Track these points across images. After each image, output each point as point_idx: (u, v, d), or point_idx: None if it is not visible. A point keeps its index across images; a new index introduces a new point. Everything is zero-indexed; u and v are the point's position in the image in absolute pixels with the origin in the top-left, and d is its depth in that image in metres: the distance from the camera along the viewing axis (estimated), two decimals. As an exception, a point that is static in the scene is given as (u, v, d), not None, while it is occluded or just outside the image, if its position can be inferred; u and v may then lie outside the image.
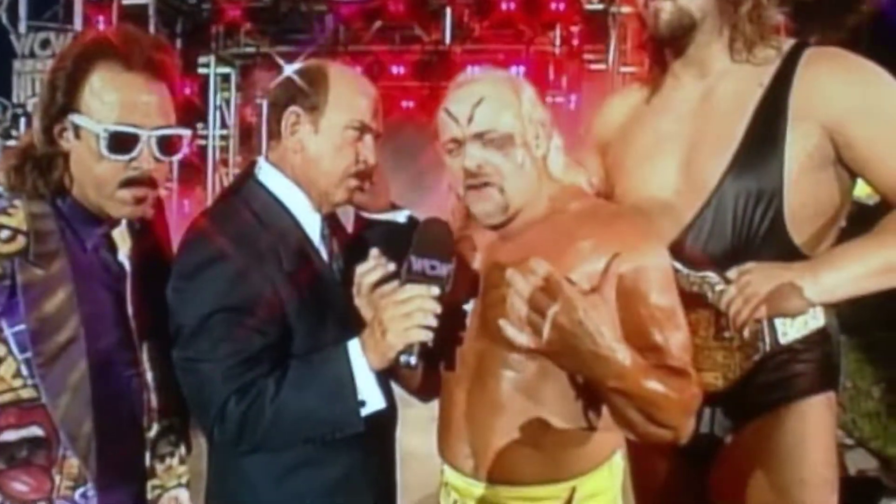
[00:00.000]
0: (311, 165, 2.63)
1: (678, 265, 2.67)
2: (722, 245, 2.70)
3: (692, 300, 2.67)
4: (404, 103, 13.38)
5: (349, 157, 2.62)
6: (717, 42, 2.79)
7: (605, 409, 2.32)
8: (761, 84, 2.72)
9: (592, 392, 2.30)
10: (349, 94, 2.63)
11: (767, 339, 2.70)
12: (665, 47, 2.87)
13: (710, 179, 2.71)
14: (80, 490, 2.37)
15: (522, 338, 2.16)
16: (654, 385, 2.16)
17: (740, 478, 2.76)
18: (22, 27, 14.92)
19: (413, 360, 2.31)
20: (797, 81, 2.67)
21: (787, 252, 2.65)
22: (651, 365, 2.21)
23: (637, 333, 2.28)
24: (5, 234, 2.29)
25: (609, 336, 2.13)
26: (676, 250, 2.70)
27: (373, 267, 2.42)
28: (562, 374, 2.33)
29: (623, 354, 2.14)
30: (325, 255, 2.68)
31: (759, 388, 2.74)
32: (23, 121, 14.13)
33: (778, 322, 2.68)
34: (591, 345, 2.11)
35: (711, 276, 2.68)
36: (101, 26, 13.00)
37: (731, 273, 2.58)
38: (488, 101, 2.42)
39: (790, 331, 2.70)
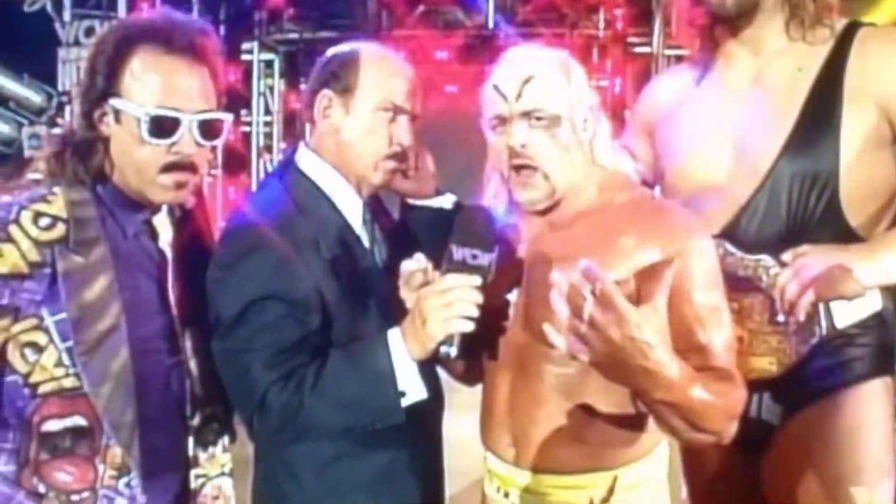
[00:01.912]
0: (345, 149, 2.61)
1: (732, 248, 2.66)
2: (776, 228, 2.65)
3: (746, 284, 2.65)
4: (448, 88, 13.35)
5: (382, 139, 2.60)
6: (775, 21, 2.74)
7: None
8: (815, 64, 2.68)
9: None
10: (381, 76, 2.61)
11: (823, 323, 2.65)
12: (721, 25, 2.81)
13: (764, 161, 2.67)
14: (124, 479, 2.35)
15: (567, 346, 2.08)
16: (700, 394, 2.09)
17: (794, 465, 2.72)
18: (67, 15, 15.03)
19: (454, 351, 2.28)
20: (852, 61, 2.63)
21: (843, 234, 2.61)
22: (696, 369, 2.15)
23: (681, 333, 2.23)
24: (45, 221, 2.27)
25: (660, 350, 2.04)
26: (730, 233, 2.68)
27: (419, 268, 2.37)
28: None
29: (672, 368, 2.06)
30: (366, 241, 2.66)
31: (815, 374, 2.69)
32: (68, 109, 14.21)
33: (834, 306, 2.63)
34: (642, 359, 2.03)
35: (766, 259, 2.64)
36: (146, 13, 13.08)
37: (786, 256, 2.54)
38: (538, 80, 2.36)
39: (846, 315, 2.64)
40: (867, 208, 2.64)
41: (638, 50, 14.01)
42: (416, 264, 2.36)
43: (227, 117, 2.46)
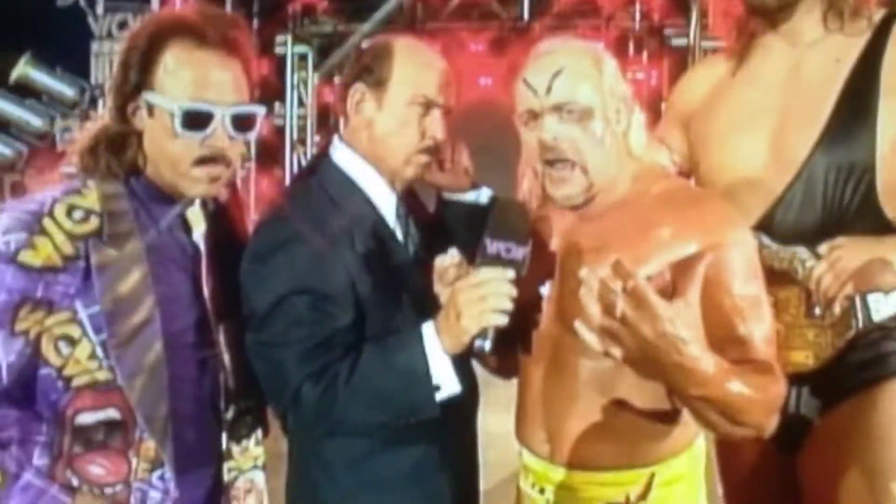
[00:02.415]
0: (378, 142, 2.61)
1: (767, 240, 2.64)
2: (812, 220, 2.64)
3: (782, 277, 2.64)
4: (483, 81, 13.32)
5: (415, 133, 2.59)
6: (813, 12, 2.72)
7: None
8: (852, 56, 2.66)
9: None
10: (414, 69, 2.60)
11: (860, 316, 2.63)
12: (759, 17, 2.79)
13: (800, 153, 2.65)
14: (157, 473, 2.35)
15: (599, 345, 2.06)
16: (737, 388, 2.07)
17: (831, 460, 2.70)
18: (99, 8, 15.05)
19: (488, 345, 2.26)
20: (889, 52, 2.62)
21: (880, 226, 2.59)
22: (734, 363, 2.12)
23: (720, 325, 2.21)
24: (79, 214, 2.28)
25: (694, 346, 2.03)
26: (765, 225, 2.67)
27: (453, 264, 2.36)
28: None
29: (707, 363, 2.04)
30: (400, 235, 2.65)
31: (852, 367, 2.67)
32: (101, 102, 14.26)
33: (871, 298, 2.61)
34: (676, 355, 2.01)
35: (802, 251, 2.62)
36: (178, 6, 13.14)
37: (822, 248, 2.52)
38: (568, 72, 2.34)
39: (883, 307, 2.62)
40: None
41: (674, 42, 13.92)
42: (450, 259, 2.35)
43: (260, 110, 2.45)
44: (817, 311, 2.61)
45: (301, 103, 15.87)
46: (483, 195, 2.91)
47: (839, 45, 2.69)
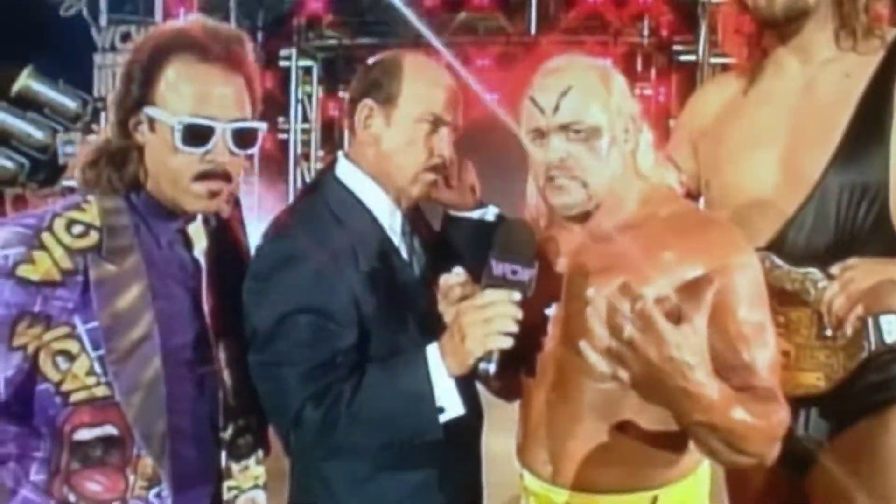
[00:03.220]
0: (385, 160, 2.58)
1: (779, 261, 2.62)
2: (825, 240, 2.62)
3: (793, 298, 2.62)
4: (489, 96, 13.32)
5: (423, 151, 2.57)
6: (825, 29, 2.71)
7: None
8: (865, 74, 2.64)
9: None
10: (423, 86, 2.58)
11: (872, 338, 2.60)
12: (769, 33, 2.78)
13: (813, 173, 2.63)
14: (155, 490, 2.33)
15: (605, 366, 2.03)
16: (740, 415, 2.03)
17: (841, 483, 2.67)
18: (103, 21, 15.16)
19: (492, 367, 2.23)
20: None
21: (893, 248, 2.57)
22: (737, 390, 2.08)
23: (724, 351, 2.18)
24: (78, 229, 2.26)
25: (699, 371, 1.99)
26: (777, 246, 2.65)
27: (458, 282, 2.33)
28: None
29: (712, 389, 2.00)
30: (405, 253, 2.63)
31: (863, 390, 2.65)
32: (103, 115, 14.31)
33: (883, 320, 2.58)
34: (681, 380, 1.97)
35: (814, 272, 2.60)
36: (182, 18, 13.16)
37: (834, 269, 2.50)
38: (576, 91, 2.32)
39: None
40: None
41: (683, 58, 13.96)
42: (455, 278, 2.33)
43: (262, 126, 2.45)
44: (829, 332, 2.59)
45: (305, 118, 15.93)
46: (489, 213, 2.89)
47: (852, 64, 2.67)
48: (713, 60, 12.69)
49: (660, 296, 2.15)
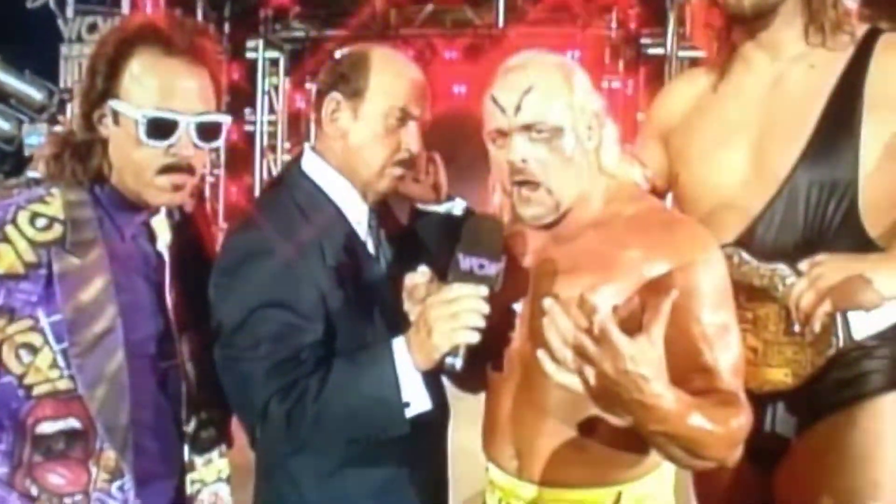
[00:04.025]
0: (352, 154, 2.58)
1: (747, 257, 2.63)
2: (793, 237, 2.62)
3: (762, 294, 2.63)
4: (456, 88, 13.32)
5: (390, 145, 2.56)
6: (794, 25, 2.70)
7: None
8: (835, 71, 2.64)
9: None
10: (391, 80, 2.57)
11: (840, 335, 2.60)
12: (739, 28, 2.78)
13: (782, 169, 2.63)
14: (117, 483, 2.34)
15: (562, 377, 2.04)
16: (698, 422, 2.02)
17: (808, 479, 2.68)
18: (69, 11, 15.06)
19: (459, 362, 2.22)
20: (873, 68, 2.60)
21: (862, 244, 2.56)
22: (698, 392, 2.09)
23: (686, 353, 2.17)
24: (42, 222, 2.27)
25: (656, 383, 1.97)
26: (746, 242, 2.65)
27: (423, 281, 2.33)
28: None
29: (668, 400, 1.99)
30: (371, 247, 2.63)
31: (831, 386, 2.65)
32: (69, 106, 14.24)
33: (851, 316, 2.58)
34: (637, 393, 1.96)
35: (782, 268, 2.60)
36: (149, 10, 13.10)
37: (803, 265, 2.50)
38: (538, 90, 2.29)
39: (864, 326, 2.60)
40: (886, 218, 2.59)
41: (651, 51, 13.96)
42: (419, 277, 2.32)
43: (226, 119, 2.46)
44: (797, 328, 2.58)
45: (272, 109, 15.87)
46: (457, 206, 2.90)
47: (821, 60, 2.67)
48: (682, 54, 12.67)
49: (623, 296, 2.17)
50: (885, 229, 2.59)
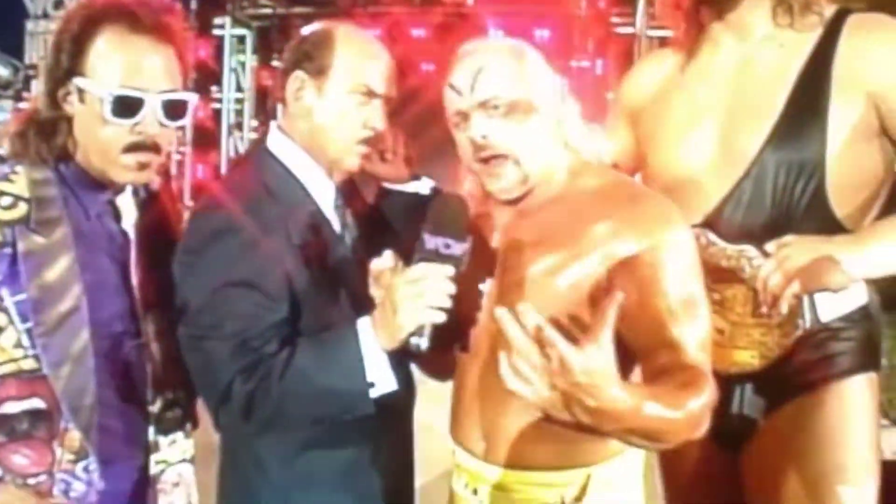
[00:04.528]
0: (317, 132, 2.57)
1: (714, 238, 2.64)
2: (761, 218, 2.63)
3: (729, 275, 2.64)
4: (425, 66, 13.28)
5: (355, 123, 2.56)
6: (762, 6, 2.70)
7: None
8: (803, 52, 2.65)
9: None
10: (355, 58, 2.56)
11: (807, 316, 2.63)
12: (707, 9, 2.79)
13: (750, 150, 2.65)
14: (82, 464, 2.33)
15: (514, 384, 2.00)
16: (655, 412, 1.99)
17: (775, 461, 2.70)
18: (35, -12, 14.95)
19: (424, 342, 2.22)
20: (841, 49, 2.61)
21: (829, 225, 2.58)
22: (663, 368, 2.10)
23: (652, 329, 2.18)
24: (6, 200, 2.27)
25: (607, 390, 1.94)
26: (713, 222, 2.67)
27: (389, 267, 2.31)
28: None
29: (622, 400, 1.96)
30: (337, 227, 2.62)
31: (798, 368, 2.67)
32: (34, 83, 14.14)
33: (818, 298, 2.60)
34: (591, 401, 1.94)
35: (749, 249, 2.61)
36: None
37: (770, 246, 2.51)
38: (489, 69, 2.34)
39: (831, 307, 2.63)
40: (854, 199, 2.62)
41: (621, 30, 13.96)
42: (385, 262, 2.31)
43: (192, 98, 2.45)
44: (764, 310, 2.59)
45: (239, 87, 15.81)
46: (424, 186, 2.89)
47: (790, 41, 2.68)
48: (651, 33, 12.69)
49: (589, 270, 2.17)
50: (852, 210, 2.61)
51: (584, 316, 2.22)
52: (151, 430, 2.48)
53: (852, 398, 2.65)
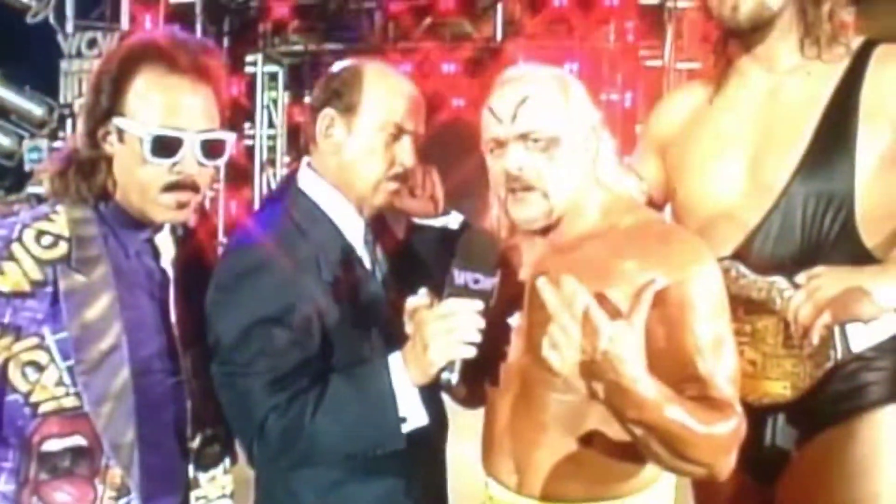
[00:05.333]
0: (346, 169, 2.59)
1: (745, 270, 2.63)
2: (790, 249, 2.62)
3: (760, 307, 2.63)
4: (455, 102, 13.30)
5: (384, 160, 2.58)
6: (789, 38, 2.72)
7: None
8: (830, 83, 2.65)
9: None
10: (384, 95, 2.59)
11: (839, 347, 2.61)
12: (735, 41, 2.80)
13: (778, 181, 2.64)
14: (124, 500, 2.34)
15: (549, 353, 2.07)
16: (677, 416, 2.03)
17: (809, 492, 2.68)
18: (69, 27, 15.01)
19: (455, 377, 2.24)
20: (868, 79, 2.61)
21: (859, 256, 2.57)
22: (686, 397, 2.10)
23: (679, 363, 2.19)
24: (47, 240, 2.29)
25: (632, 366, 2.01)
26: (743, 255, 2.66)
27: (423, 304, 2.31)
28: None
29: (645, 386, 2.01)
30: (368, 262, 2.64)
31: (830, 398, 2.65)
32: (69, 121, 14.22)
33: (849, 328, 2.58)
34: (612, 374, 2.00)
35: (780, 281, 2.60)
36: (148, 25, 13.10)
37: (800, 278, 2.50)
38: (533, 100, 2.31)
39: (862, 338, 2.60)
40: (883, 229, 2.60)
41: (649, 63, 13.93)
42: (420, 300, 2.32)
43: (230, 137, 2.47)
44: (795, 341, 2.59)
45: (271, 123, 15.84)
46: (453, 220, 2.90)
47: (817, 72, 2.68)
48: (679, 66, 12.66)
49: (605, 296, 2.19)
50: (881, 240, 2.59)
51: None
52: (191, 466, 2.49)
53: (885, 428, 2.63)
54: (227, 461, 2.61)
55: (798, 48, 2.72)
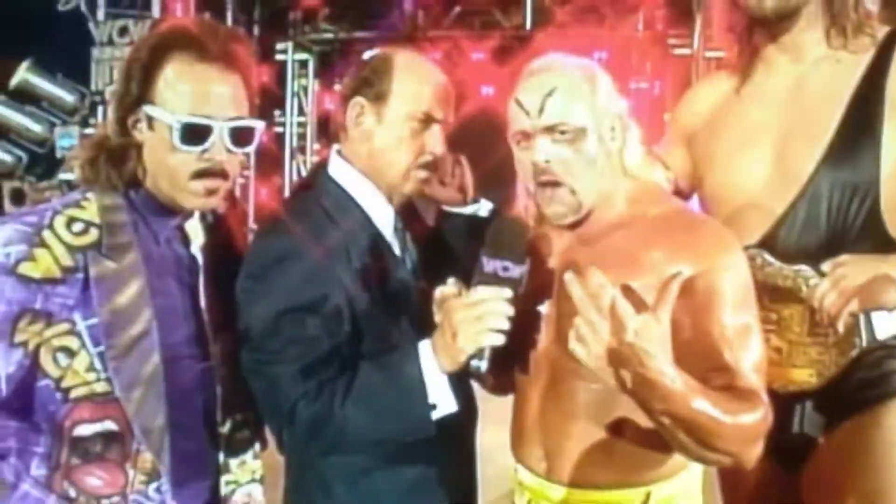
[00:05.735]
0: (377, 157, 2.60)
1: (770, 258, 2.63)
2: (816, 238, 2.62)
3: (786, 295, 2.62)
4: (484, 90, 13.29)
5: (414, 148, 2.58)
6: (815, 28, 2.71)
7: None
8: (856, 73, 2.64)
9: None
10: (414, 83, 2.59)
11: (864, 335, 2.60)
12: (761, 31, 2.79)
13: (804, 170, 2.64)
14: (154, 485, 2.36)
15: (574, 345, 2.09)
16: (703, 407, 2.04)
17: (835, 479, 2.68)
18: (100, 15, 15.02)
19: (484, 365, 2.24)
20: (894, 69, 2.61)
21: (884, 244, 2.57)
22: (718, 388, 2.11)
23: (705, 353, 2.19)
24: (78, 226, 2.29)
25: (658, 359, 2.01)
26: (769, 243, 2.65)
27: (453, 293, 2.32)
28: None
29: (671, 377, 2.02)
30: (397, 250, 2.64)
31: (856, 386, 2.64)
32: (101, 109, 14.24)
33: (875, 316, 2.58)
34: (639, 366, 2.01)
35: (805, 269, 2.59)
36: (179, 13, 13.14)
37: (826, 266, 2.51)
38: (560, 92, 2.31)
39: (887, 325, 2.59)
40: None
41: (678, 51, 13.89)
42: (450, 289, 2.32)
43: (259, 125, 2.47)
44: (821, 329, 2.59)
45: (301, 111, 15.87)
46: (483, 208, 2.90)
47: (843, 62, 2.68)
48: (708, 54, 12.60)
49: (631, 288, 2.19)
50: None
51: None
52: (221, 451, 2.51)
53: None
54: (257, 446, 2.62)
55: (824, 38, 2.71)
